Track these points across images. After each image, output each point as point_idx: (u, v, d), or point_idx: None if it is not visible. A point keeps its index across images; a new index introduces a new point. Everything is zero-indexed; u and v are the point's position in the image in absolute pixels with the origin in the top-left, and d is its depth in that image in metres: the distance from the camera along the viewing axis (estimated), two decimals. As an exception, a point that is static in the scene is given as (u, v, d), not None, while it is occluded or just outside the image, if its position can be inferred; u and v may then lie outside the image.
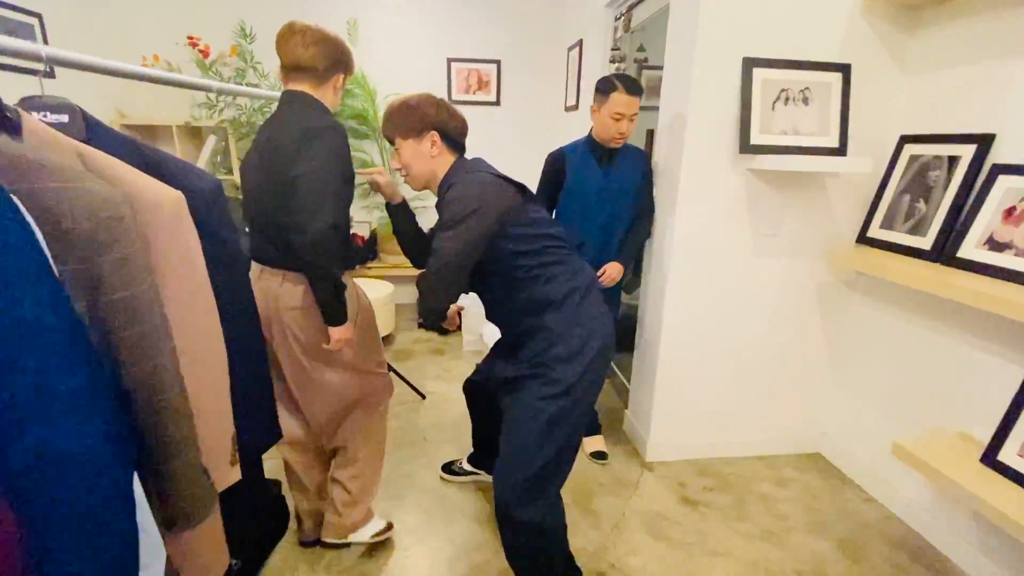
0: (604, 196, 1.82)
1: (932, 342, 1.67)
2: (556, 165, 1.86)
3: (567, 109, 3.36)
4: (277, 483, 1.62)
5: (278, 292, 1.29)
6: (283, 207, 1.20)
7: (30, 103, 0.80)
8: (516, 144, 3.70)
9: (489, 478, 1.85)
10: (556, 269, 1.25)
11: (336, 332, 1.28)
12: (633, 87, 1.70)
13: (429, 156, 1.28)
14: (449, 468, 1.94)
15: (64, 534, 0.58)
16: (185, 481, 0.79)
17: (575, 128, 3.22)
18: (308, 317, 1.30)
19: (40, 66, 0.97)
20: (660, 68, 1.98)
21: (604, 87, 1.72)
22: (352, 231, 3.66)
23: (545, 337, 1.24)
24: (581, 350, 1.22)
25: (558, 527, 1.29)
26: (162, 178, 0.84)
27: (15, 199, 0.55)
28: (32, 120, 0.72)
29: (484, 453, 1.83)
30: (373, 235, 3.70)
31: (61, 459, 0.56)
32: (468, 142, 1.36)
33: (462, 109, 3.23)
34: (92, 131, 0.84)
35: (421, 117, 1.26)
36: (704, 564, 1.57)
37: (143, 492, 0.71)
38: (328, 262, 1.19)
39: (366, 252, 3.61)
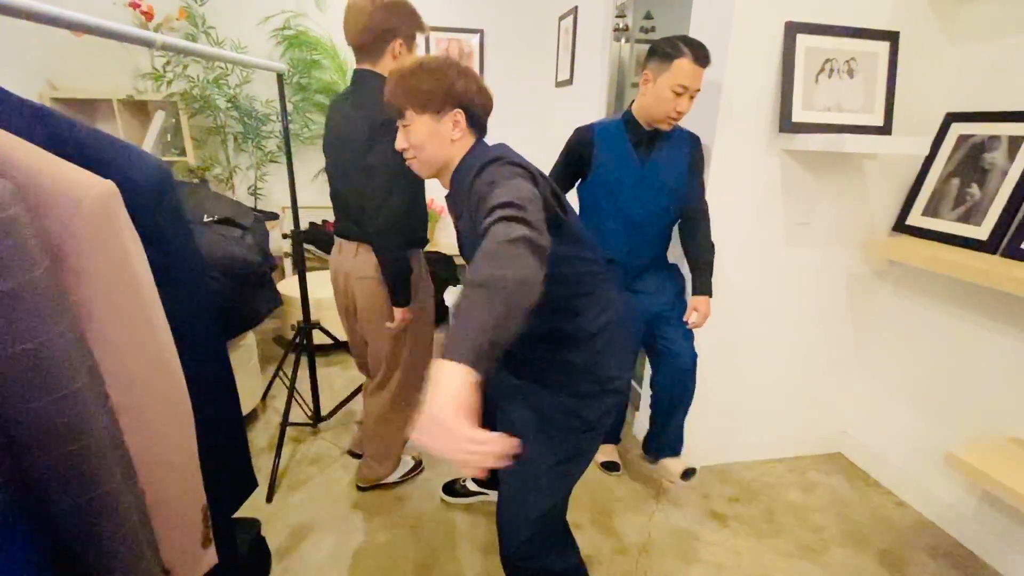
0: (641, 191, 1.48)
1: (977, 338, 1.54)
2: (583, 145, 1.51)
3: (558, 84, 3.11)
4: (255, 522, 1.37)
5: (352, 264, 1.46)
6: (358, 191, 1.33)
7: None
8: (500, 124, 3.39)
9: (494, 497, 1.65)
10: (588, 301, 1.01)
11: (399, 312, 1.42)
12: (703, 55, 1.35)
13: (449, 139, 0.98)
14: (451, 488, 1.73)
15: None
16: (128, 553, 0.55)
17: (567, 106, 2.98)
18: (373, 289, 1.45)
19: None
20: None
21: (668, 50, 1.35)
22: (322, 219, 3.35)
23: (567, 372, 1.03)
24: (605, 385, 1.02)
25: (572, 570, 1.11)
26: (86, 165, 0.57)
27: None
28: None
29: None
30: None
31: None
32: None
33: None
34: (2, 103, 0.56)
35: (445, 88, 0.95)
36: (746, 590, 1.42)
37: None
38: (393, 248, 1.34)
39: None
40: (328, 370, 2.51)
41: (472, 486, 1.70)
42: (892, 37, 1.52)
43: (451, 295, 2.89)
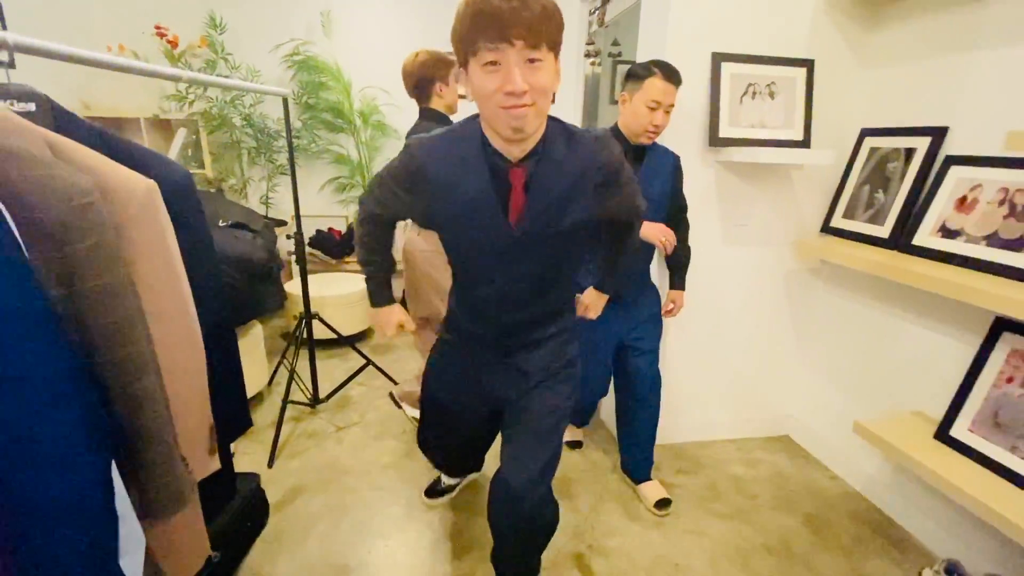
0: None
1: (890, 326, 1.75)
2: None
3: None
4: (256, 476, 1.62)
5: (414, 238, 1.86)
6: None
7: (-7, 91, 0.79)
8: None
9: (477, 474, 1.86)
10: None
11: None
12: (672, 74, 1.49)
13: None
14: (433, 490, 1.76)
15: (39, 519, 0.58)
16: (162, 470, 0.79)
17: (551, 121, 3.25)
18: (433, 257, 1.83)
19: (3, 56, 0.95)
20: (633, 63, 2.01)
21: (639, 72, 1.51)
22: (328, 226, 3.64)
23: (566, 337, 1.22)
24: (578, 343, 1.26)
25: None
26: (134, 168, 0.83)
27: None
28: (5, 105, 0.71)
29: (467, 464, 1.73)
30: (350, 228, 3.67)
31: (35, 444, 0.57)
32: None
33: None
34: (61, 120, 0.83)
35: (562, 30, 0.86)
36: (678, 542, 1.62)
37: (121, 481, 0.72)
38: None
39: (342, 246, 3.58)
40: (328, 361, 2.76)
41: (449, 481, 1.77)
42: (808, 64, 1.76)
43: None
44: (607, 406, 2.30)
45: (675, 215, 1.69)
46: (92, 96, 3.11)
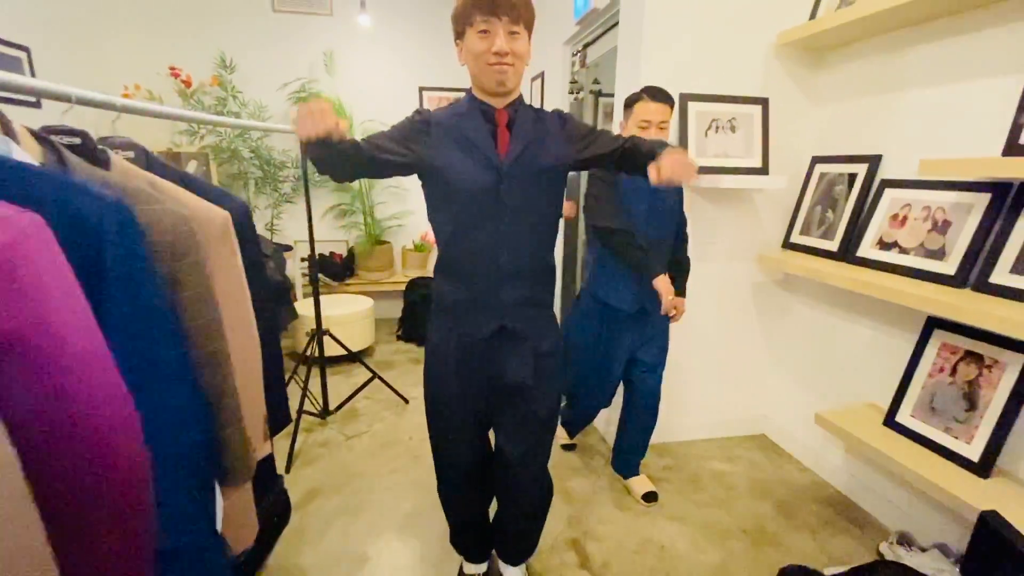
0: (653, 215, 1.73)
1: (844, 329, 1.97)
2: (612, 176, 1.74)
3: (532, 133, 3.65)
4: (280, 476, 1.77)
5: None
6: None
7: (106, 142, 0.98)
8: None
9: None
10: None
11: None
12: (659, 95, 1.65)
13: None
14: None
15: (167, 469, 0.76)
16: (235, 444, 0.97)
17: (540, 150, 3.51)
18: None
19: (66, 102, 1.15)
20: (613, 96, 2.27)
21: (629, 100, 1.70)
22: (330, 250, 3.83)
23: (553, 320, 1.31)
24: None
25: None
26: (209, 201, 1.03)
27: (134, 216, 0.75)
28: (116, 156, 0.91)
29: (486, 545, 1.54)
30: (350, 252, 3.86)
31: (165, 410, 0.75)
32: None
33: None
34: (152, 164, 1.03)
35: (534, 16, 1.11)
36: (663, 527, 1.80)
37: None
38: None
39: (343, 269, 3.77)
40: (334, 377, 2.93)
41: (472, 570, 1.56)
42: (763, 102, 2.02)
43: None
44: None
45: (682, 232, 1.88)
46: (107, 131, 3.30)
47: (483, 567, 1.55)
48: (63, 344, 0.57)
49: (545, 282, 1.27)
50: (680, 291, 1.85)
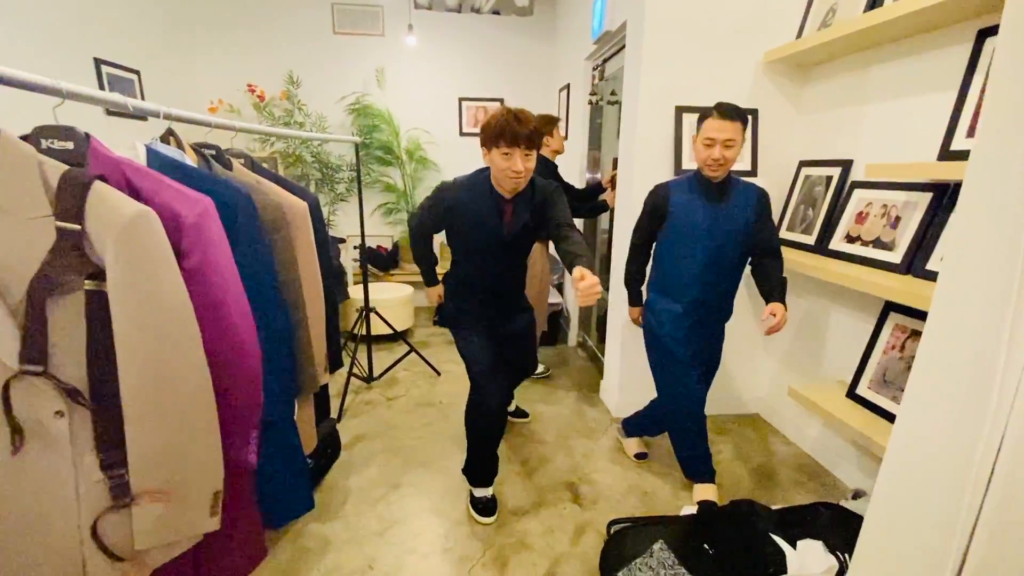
0: (713, 232, 1.77)
1: (821, 314, 2.21)
2: (658, 198, 1.85)
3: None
4: (334, 419, 2.20)
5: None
6: None
7: (228, 152, 1.41)
8: (518, 168, 4.35)
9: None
10: None
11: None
12: (727, 111, 1.64)
13: None
14: (479, 508, 1.86)
15: (269, 365, 1.16)
16: (307, 365, 1.37)
17: (566, 158, 3.84)
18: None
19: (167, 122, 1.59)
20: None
21: (701, 115, 1.71)
22: (377, 244, 4.30)
23: (522, 293, 1.98)
24: None
25: None
26: (295, 193, 1.45)
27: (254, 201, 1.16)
28: (236, 162, 1.33)
29: (492, 472, 1.92)
30: (395, 246, 4.32)
31: (268, 326, 1.15)
32: (477, 167, 1.81)
33: (471, 140, 4.08)
34: (255, 166, 1.45)
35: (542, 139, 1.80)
36: (649, 479, 2.10)
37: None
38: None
39: (388, 260, 4.23)
40: (378, 353, 3.36)
41: (482, 493, 1.90)
42: (752, 112, 2.29)
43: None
44: (605, 388, 2.80)
45: (759, 252, 1.81)
46: (193, 137, 3.89)
47: (489, 491, 1.92)
48: (224, 277, 0.97)
49: (520, 277, 1.96)
50: (780, 300, 1.75)
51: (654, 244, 1.97)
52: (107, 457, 0.84)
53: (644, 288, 2.08)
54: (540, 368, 3.07)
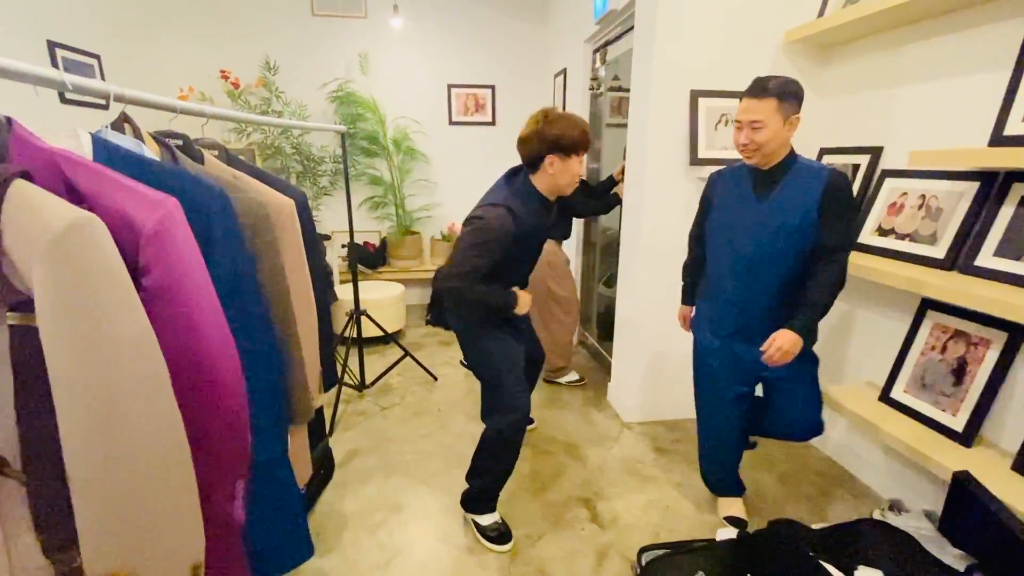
0: (756, 228, 1.48)
1: (849, 312, 2.08)
2: (706, 186, 1.68)
3: (555, 127, 3.80)
4: (326, 436, 2.01)
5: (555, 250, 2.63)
6: None
7: (198, 142, 1.20)
8: (512, 160, 4.12)
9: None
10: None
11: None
12: (752, 86, 1.42)
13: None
14: (493, 537, 1.69)
15: (254, 398, 0.98)
16: (299, 389, 1.19)
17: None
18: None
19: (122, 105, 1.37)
20: (629, 92, 2.41)
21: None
22: (364, 240, 4.08)
23: None
24: None
25: None
26: (276, 190, 1.25)
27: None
28: (208, 154, 1.13)
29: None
30: (383, 242, 4.10)
31: (254, 351, 0.97)
32: (469, 158, 1.75)
33: (461, 129, 3.83)
34: (231, 159, 1.24)
35: None
36: (668, 491, 1.96)
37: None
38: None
39: (376, 257, 4.01)
40: (370, 356, 3.17)
41: (491, 520, 1.74)
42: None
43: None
44: (612, 389, 2.65)
45: (816, 250, 1.44)
46: (162, 128, 3.61)
47: (497, 513, 1.75)
48: (194, 295, 0.78)
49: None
50: (790, 325, 1.44)
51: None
52: (51, 538, 0.66)
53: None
54: (574, 376, 2.89)
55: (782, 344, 1.42)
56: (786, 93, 1.42)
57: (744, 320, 1.59)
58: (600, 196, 2.51)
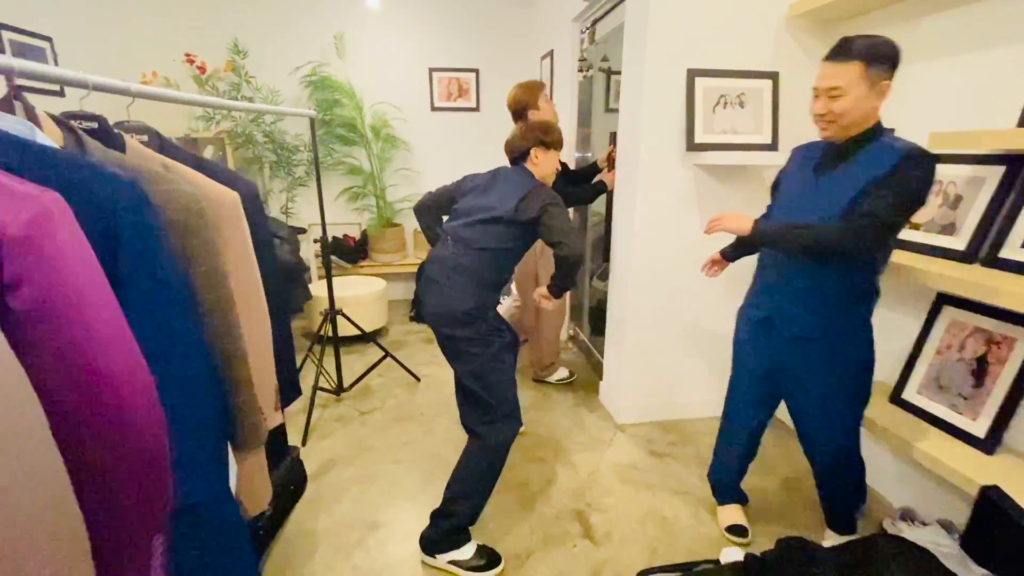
0: (810, 206, 1.32)
1: (854, 307, 1.96)
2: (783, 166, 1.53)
3: (542, 113, 3.63)
4: (296, 447, 1.85)
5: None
6: None
7: (122, 126, 1.03)
8: (497, 146, 3.95)
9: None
10: None
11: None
12: (834, 48, 1.24)
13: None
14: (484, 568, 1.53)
15: (183, 431, 0.82)
16: (248, 411, 1.03)
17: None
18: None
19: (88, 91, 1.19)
20: (620, 73, 2.25)
21: None
22: (343, 233, 3.89)
23: None
24: None
25: None
26: (219, 182, 1.08)
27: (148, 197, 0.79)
28: (130, 139, 0.96)
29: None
30: (364, 235, 3.92)
31: (181, 376, 0.81)
32: (453, 146, 1.61)
33: (444, 116, 3.62)
34: (165, 147, 1.07)
35: None
36: (665, 500, 1.84)
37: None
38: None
39: (356, 251, 3.83)
40: (348, 356, 3.00)
41: (467, 554, 1.56)
42: (773, 76, 1.99)
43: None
44: (604, 389, 2.52)
45: (848, 215, 1.24)
46: (129, 117, 3.39)
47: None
48: (84, 313, 0.61)
49: None
50: (764, 226, 1.39)
51: None
52: None
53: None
54: (564, 373, 2.77)
55: (729, 219, 1.45)
56: (876, 56, 1.23)
57: (777, 303, 1.46)
58: (576, 184, 2.38)
